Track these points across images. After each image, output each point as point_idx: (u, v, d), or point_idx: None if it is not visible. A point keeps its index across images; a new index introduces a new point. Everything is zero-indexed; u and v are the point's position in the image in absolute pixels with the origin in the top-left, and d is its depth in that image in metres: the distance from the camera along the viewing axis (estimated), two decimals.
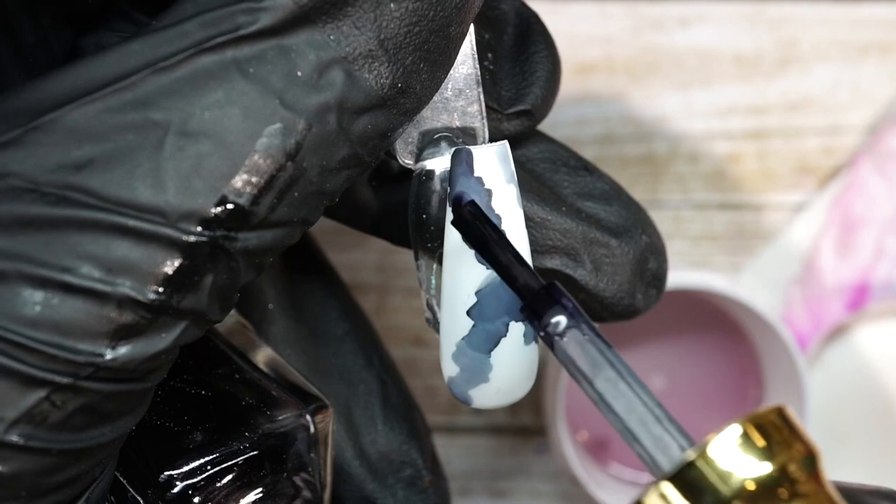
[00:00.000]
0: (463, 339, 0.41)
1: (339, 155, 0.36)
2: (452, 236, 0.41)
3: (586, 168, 0.46)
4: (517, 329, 0.41)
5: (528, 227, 0.44)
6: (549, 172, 0.46)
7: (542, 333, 0.36)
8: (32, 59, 0.42)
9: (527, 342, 0.42)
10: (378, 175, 0.46)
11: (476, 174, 0.40)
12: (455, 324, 0.41)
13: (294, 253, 0.50)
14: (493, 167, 0.41)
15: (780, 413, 0.35)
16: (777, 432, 0.34)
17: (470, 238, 0.39)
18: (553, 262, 0.44)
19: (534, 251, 0.44)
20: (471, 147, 0.40)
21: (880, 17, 0.71)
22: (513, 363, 0.42)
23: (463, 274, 0.41)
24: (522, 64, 0.44)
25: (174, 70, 0.34)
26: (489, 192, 0.40)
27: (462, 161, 0.40)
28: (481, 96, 0.41)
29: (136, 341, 0.34)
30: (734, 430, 0.34)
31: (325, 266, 0.51)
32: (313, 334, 0.50)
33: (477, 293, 0.41)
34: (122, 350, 0.34)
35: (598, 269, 0.45)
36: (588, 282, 0.45)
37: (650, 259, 0.46)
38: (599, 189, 0.46)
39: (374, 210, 0.46)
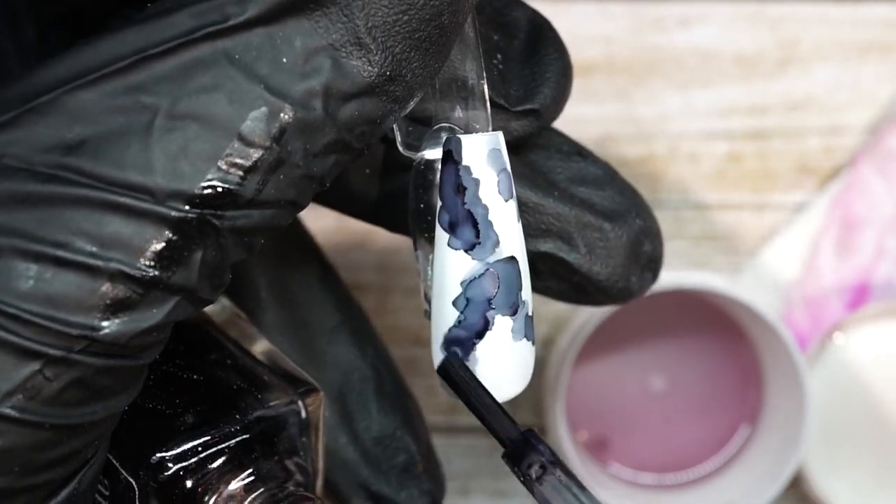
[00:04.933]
0: (449, 330, 0.41)
1: (324, 140, 0.36)
2: (441, 225, 0.41)
3: (579, 153, 0.46)
4: (504, 323, 0.41)
5: (521, 211, 0.44)
6: (542, 159, 0.46)
7: (522, 479, 0.38)
8: (33, 55, 0.43)
9: (516, 338, 0.41)
10: (383, 163, 0.46)
11: (464, 162, 0.40)
12: (442, 314, 0.41)
13: (287, 243, 0.50)
14: (482, 156, 0.40)
15: None
16: None
17: (453, 387, 0.40)
18: (547, 246, 0.45)
19: (527, 235, 0.44)
20: (460, 135, 0.40)
21: (880, 17, 0.71)
22: (500, 359, 0.41)
23: (449, 263, 0.40)
24: (533, 66, 0.44)
25: (164, 57, 0.35)
26: (477, 182, 0.40)
27: (451, 149, 0.40)
28: (485, 88, 0.41)
29: (127, 315, 0.35)
30: None
31: (319, 256, 0.51)
32: (307, 323, 0.50)
33: (462, 283, 0.41)
34: (115, 324, 0.35)
35: (591, 252, 0.45)
36: (582, 265, 0.45)
37: (645, 242, 0.46)
38: (592, 174, 0.46)
39: (372, 197, 0.46)
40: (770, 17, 0.71)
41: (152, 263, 0.35)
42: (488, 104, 0.41)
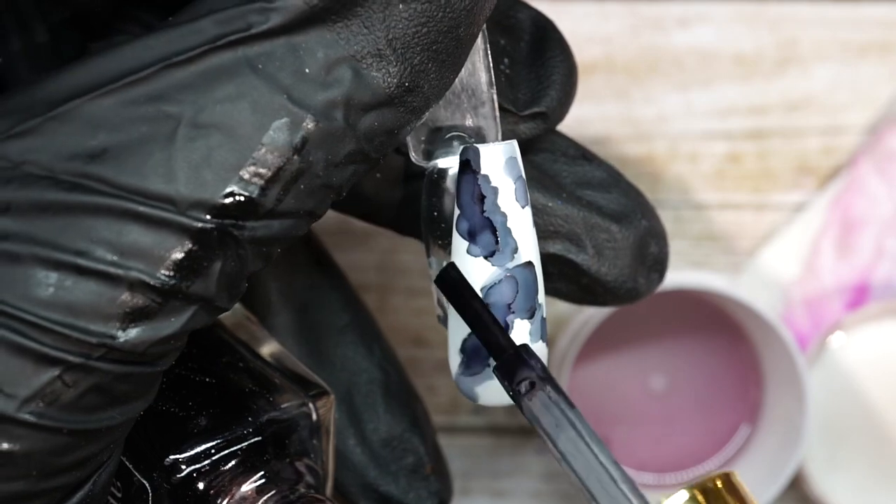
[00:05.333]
0: (469, 335, 0.42)
1: (344, 150, 0.36)
2: (459, 233, 0.41)
3: (584, 157, 0.47)
4: (523, 326, 0.41)
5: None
6: (548, 162, 0.46)
7: (511, 393, 0.38)
8: (43, 59, 0.43)
9: (533, 340, 0.42)
10: (395, 170, 0.47)
11: (482, 172, 0.41)
12: (461, 320, 0.41)
13: (296, 247, 0.50)
14: (500, 165, 0.41)
15: (727, 479, 0.38)
16: (722, 498, 0.38)
17: (450, 297, 0.40)
18: (555, 248, 0.45)
19: (536, 237, 0.44)
20: (478, 145, 0.41)
21: (880, 17, 0.72)
22: None
23: (469, 270, 0.41)
24: (538, 69, 0.44)
25: (188, 65, 0.35)
26: (495, 190, 0.41)
27: (468, 159, 0.41)
28: (494, 96, 0.42)
29: (146, 324, 0.35)
30: (682, 496, 0.37)
31: (326, 259, 0.51)
32: (315, 326, 0.50)
33: (482, 289, 0.41)
34: (133, 332, 0.35)
35: (599, 253, 0.45)
36: (590, 266, 0.45)
37: (651, 243, 0.46)
38: (598, 177, 0.47)
39: (382, 202, 0.47)
40: (769, 17, 0.71)
41: (172, 273, 0.35)
42: (497, 112, 0.42)
